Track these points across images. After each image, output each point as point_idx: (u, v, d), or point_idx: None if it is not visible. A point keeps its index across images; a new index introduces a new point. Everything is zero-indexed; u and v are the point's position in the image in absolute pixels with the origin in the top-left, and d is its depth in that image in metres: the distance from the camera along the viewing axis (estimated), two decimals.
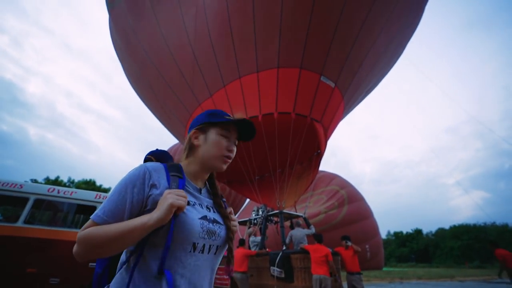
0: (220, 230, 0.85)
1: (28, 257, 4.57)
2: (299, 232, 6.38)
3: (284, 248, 5.87)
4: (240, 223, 8.30)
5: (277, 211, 6.95)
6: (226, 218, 0.90)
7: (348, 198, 18.36)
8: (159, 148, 1.49)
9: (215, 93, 6.92)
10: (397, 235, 67.96)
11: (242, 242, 6.04)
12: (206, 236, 0.80)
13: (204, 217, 0.82)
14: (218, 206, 0.92)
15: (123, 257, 0.79)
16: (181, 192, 0.75)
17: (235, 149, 0.93)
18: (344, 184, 19.84)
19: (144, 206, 0.77)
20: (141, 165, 0.82)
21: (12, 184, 5.04)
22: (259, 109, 6.51)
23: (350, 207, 17.85)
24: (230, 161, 0.92)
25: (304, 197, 17.22)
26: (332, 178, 20.63)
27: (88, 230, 0.69)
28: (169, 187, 0.79)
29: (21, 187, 5.07)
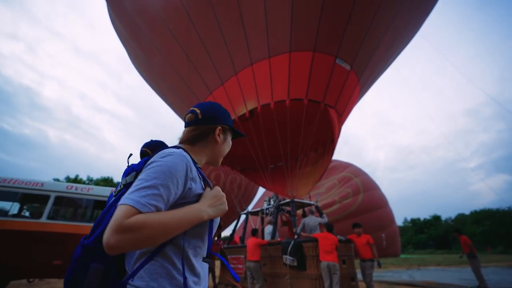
0: None
1: (54, 250, 4.85)
2: (312, 220, 6.38)
3: (296, 236, 5.91)
4: (252, 213, 8.40)
5: (288, 200, 6.95)
6: None
7: (363, 186, 18.07)
8: (153, 139, 1.50)
9: (226, 81, 6.76)
10: (414, 222, 66.83)
11: (254, 232, 6.12)
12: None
13: None
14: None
15: (148, 251, 0.76)
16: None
17: None
18: (358, 173, 19.52)
19: (181, 197, 0.78)
20: (181, 156, 0.79)
21: (34, 183, 5.32)
22: (271, 96, 6.36)
23: (365, 196, 17.59)
24: None
25: (317, 185, 17.12)
26: (345, 166, 20.36)
27: (141, 218, 0.63)
28: (205, 181, 0.88)
29: (42, 186, 5.34)
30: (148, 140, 1.50)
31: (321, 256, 5.00)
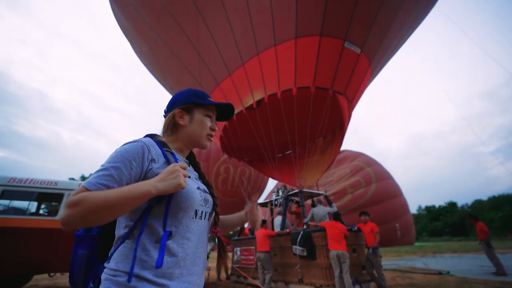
0: (211, 199, 0.97)
1: (71, 245, 5.04)
2: (321, 210, 6.34)
3: (305, 226, 5.90)
4: (261, 204, 8.42)
5: (296, 190, 6.92)
6: (210, 187, 1.01)
7: (376, 176, 17.73)
8: (149, 133, 1.52)
9: (234, 72, 6.68)
10: (429, 209, 65.70)
11: (263, 223, 6.14)
12: (203, 203, 0.90)
13: (199, 187, 0.91)
14: (202, 178, 1.03)
15: (121, 232, 0.80)
16: (186, 171, 0.81)
17: (216, 128, 1.02)
18: (370, 162, 19.16)
19: (142, 178, 0.80)
20: (138, 140, 0.84)
21: (49, 182, 5.50)
22: (278, 85, 6.26)
23: (378, 185, 17.29)
24: (212, 138, 1.01)
25: (326, 174, 16.98)
26: (356, 156, 20.06)
27: (83, 194, 0.67)
28: (168, 161, 0.85)
29: (56, 185, 5.53)
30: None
31: (330, 245, 4.98)
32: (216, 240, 1.00)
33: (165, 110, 1.01)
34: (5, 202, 5.36)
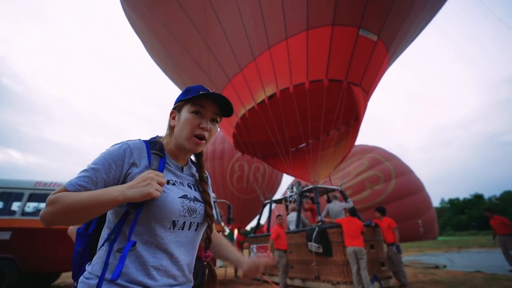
0: (201, 208, 0.87)
1: None
2: (336, 206, 6.20)
3: (320, 223, 5.79)
4: (275, 201, 8.38)
5: (311, 186, 6.81)
6: (206, 193, 0.91)
7: (396, 171, 17.00)
8: (151, 138, 1.50)
9: (245, 67, 6.60)
10: (453, 202, 63.07)
11: (279, 217, 6.04)
12: (187, 214, 0.81)
13: (185, 196, 0.83)
14: (201, 182, 0.94)
15: (104, 234, 0.81)
16: (162, 177, 0.74)
17: (209, 126, 0.86)
18: (389, 156, 18.42)
19: (121, 183, 0.79)
20: (122, 142, 0.83)
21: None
22: (290, 79, 6.14)
23: (398, 181, 16.59)
24: (203, 141, 0.86)
25: (342, 165, 16.54)
26: (373, 149, 19.42)
27: (59, 194, 0.69)
28: (150, 166, 0.81)
29: None
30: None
31: (346, 241, 4.86)
32: (208, 266, 0.90)
33: None
34: (34, 204, 5.66)
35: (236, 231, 14.36)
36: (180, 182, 0.86)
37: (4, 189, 5.28)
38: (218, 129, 1.03)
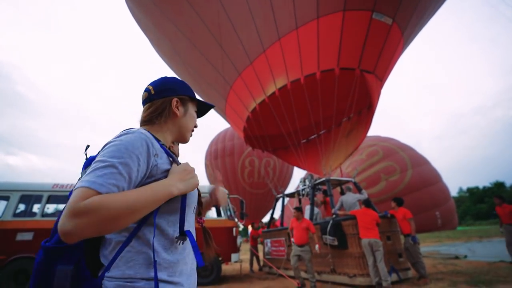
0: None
1: None
2: (350, 197, 6.09)
3: (334, 215, 5.71)
4: (288, 195, 8.33)
5: (323, 179, 6.71)
6: None
7: (411, 162, 16.49)
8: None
9: (255, 59, 6.52)
10: (472, 191, 61.06)
11: (299, 210, 5.95)
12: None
13: None
14: None
15: (119, 235, 0.71)
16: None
17: (197, 125, 1.01)
18: (404, 147, 17.86)
19: (147, 176, 0.73)
20: (139, 133, 0.74)
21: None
22: (300, 70, 6.02)
23: (414, 172, 16.07)
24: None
25: (356, 159, 16.25)
26: (387, 139, 18.96)
27: (98, 199, 0.57)
28: (171, 157, 0.83)
29: None
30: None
31: (361, 233, 4.77)
32: (203, 229, 0.95)
33: (151, 92, 0.89)
34: (52, 206, 5.85)
35: (250, 227, 14.46)
36: None
37: (24, 192, 5.48)
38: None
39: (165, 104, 0.88)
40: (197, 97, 1.01)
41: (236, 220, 7.16)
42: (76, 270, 0.70)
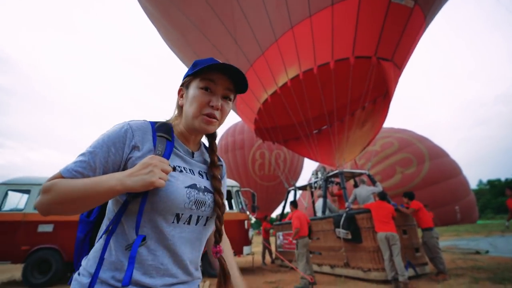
0: (211, 200, 0.76)
1: None
2: (364, 190, 5.92)
3: (347, 209, 5.57)
4: (300, 188, 8.23)
5: (336, 171, 6.54)
6: (216, 180, 0.80)
7: (429, 154, 15.73)
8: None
9: (266, 49, 6.37)
10: (492, 183, 58.73)
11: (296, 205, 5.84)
12: (194, 206, 0.71)
13: (193, 186, 0.73)
14: (212, 167, 0.83)
15: (103, 226, 0.73)
16: (167, 164, 0.65)
17: (219, 103, 0.74)
18: (421, 138, 17.04)
19: (121, 168, 0.69)
20: (123, 122, 0.72)
21: None
22: (313, 60, 5.84)
23: (432, 164, 15.32)
24: (214, 120, 0.74)
25: (369, 150, 15.74)
26: (402, 130, 18.30)
27: (55, 180, 0.62)
28: (154, 150, 0.70)
29: None
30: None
31: (377, 227, 4.61)
32: (219, 262, 0.77)
33: None
34: None
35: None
36: (189, 169, 0.76)
37: None
38: (231, 112, 0.86)
39: (176, 99, 0.84)
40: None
41: (247, 212, 7.15)
42: (83, 240, 0.79)
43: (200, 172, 0.79)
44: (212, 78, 0.74)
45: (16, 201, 5.74)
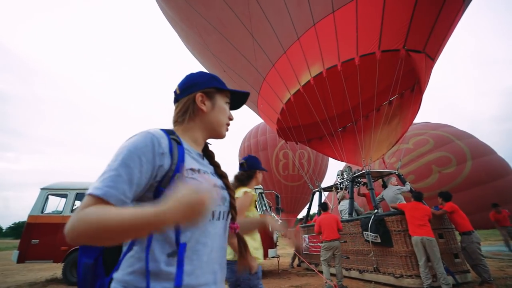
0: (228, 196, 0.85)
1: None
2: (390, 191, 5.56)
3: (376, 211, 5.26)
4: (325, 189, 7.97)
5: (363, 171, 6.23)
6: (227, 179, 0.88)
7: (471, 152, 14.18)
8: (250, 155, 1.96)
9: (288, 48, 6.28)
10: None
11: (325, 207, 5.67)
12: (221, 202, 0.80)
13: (215, 184, 0.81)
14: (218, 169, 0.90)
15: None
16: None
17: (233, 117, 0.92)
18: (461, 135, 15.34)
19: (153, 177, 0.68)
20: (145, 132, 0.71)
21: None
22: (337, 56, 5.66)
23: (475, 163, 13.73)
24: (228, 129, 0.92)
25: (400, 148, 14.71)
26: (438, 126, 16.81)
27: (97, 210, 0.54)
28: (170, 154, 0.71)
29: None
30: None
31: (411, 230, 4.29)
32: (237, 237, 0.89)
33: (177, 92, 0.88)
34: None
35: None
36: (204, 171, 0.80)
37: (79, 190, 6.13)
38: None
39: (189, 102, 0.85)
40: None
41: (272, 215, 7.08)
42: (94, 265, 0.73)
43: (212, 173, 0.85)
44: (229, 97, 0.92)
45: (55, 204, 6.26)
